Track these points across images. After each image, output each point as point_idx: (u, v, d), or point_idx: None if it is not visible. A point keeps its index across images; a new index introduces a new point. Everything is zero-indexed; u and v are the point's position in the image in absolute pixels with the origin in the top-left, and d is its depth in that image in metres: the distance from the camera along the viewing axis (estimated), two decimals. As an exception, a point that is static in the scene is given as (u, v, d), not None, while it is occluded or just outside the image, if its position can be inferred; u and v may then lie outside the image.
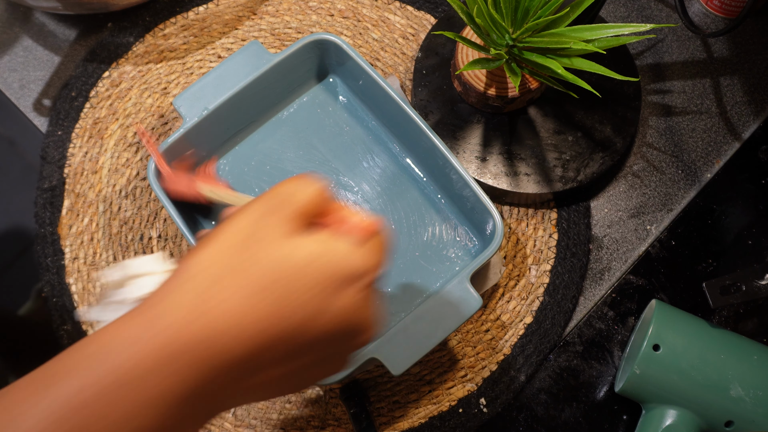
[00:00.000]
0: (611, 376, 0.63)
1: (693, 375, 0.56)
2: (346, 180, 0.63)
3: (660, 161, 0.68)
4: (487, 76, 0.61)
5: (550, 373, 0.63)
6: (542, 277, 0.64)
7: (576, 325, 0.64)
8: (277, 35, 0.71)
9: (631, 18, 0.73)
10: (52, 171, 0.67)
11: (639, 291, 0.65)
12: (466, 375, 0.62)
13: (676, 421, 0.56)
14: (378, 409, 0.61)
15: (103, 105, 0.68)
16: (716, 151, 0.69)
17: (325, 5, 0.71)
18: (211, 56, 0.70)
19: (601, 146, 0.64)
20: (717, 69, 0.71)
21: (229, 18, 0.71)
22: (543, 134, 0.64)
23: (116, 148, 0.67)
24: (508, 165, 0.64)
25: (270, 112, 0.64)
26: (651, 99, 0.70)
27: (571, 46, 0.53)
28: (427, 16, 0.72)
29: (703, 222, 0.67)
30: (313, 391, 0.61)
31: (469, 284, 0.54)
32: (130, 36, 0.70)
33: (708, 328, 0.58)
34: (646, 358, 0.56)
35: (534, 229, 0.66)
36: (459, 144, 0.64)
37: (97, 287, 0.64)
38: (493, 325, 0.63)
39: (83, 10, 0.67)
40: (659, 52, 0.72)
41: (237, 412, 0.61)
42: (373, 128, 0.64)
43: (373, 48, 0.70)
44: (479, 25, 0.55)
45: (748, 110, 0.70)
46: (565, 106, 0.65)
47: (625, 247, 0.66)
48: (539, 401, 0.62)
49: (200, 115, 0.58)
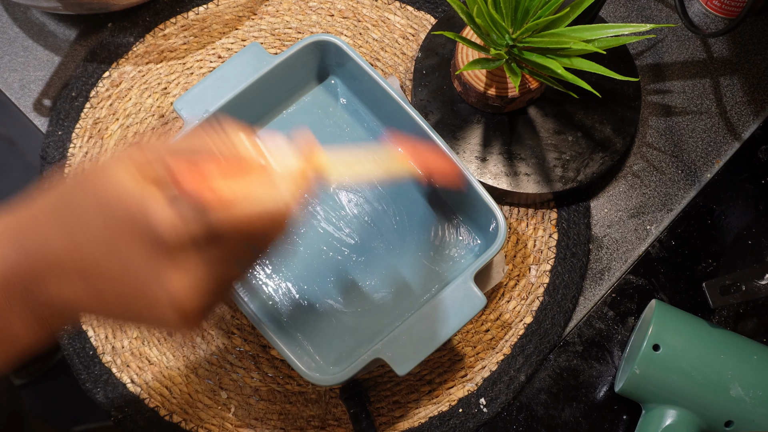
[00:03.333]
0: (611, 376, 0.63)
1: (693, 375, 0.56)
2: (348, 180, 0.63)
3: (660, 161, 0.68)
4: (487, 76, 0.61)
5: (550, 373, 0.63)
6: (542, 277, 0.64)
7: (576, 325, 0.64)
8: (277, 35, 0.71)
9: (631, 18, 0.73)
10: (53, 171, 0.67)
11: (639, 291, 0.65)
12: (466, 375, 0.62)
13: (676, 421, 0.56)
14: (378, 409, 0.61)
15: (104, 105, 0.68)
16: (716, 151, 0.69)
17: (325, 5, 0.72)
18: (212, 56, 0.70)
19: (601, 146, 0.64)
20: (717, 69, 0.71)
21: (229, 18, 0.71)
22: (543, 134, 0.64)
23: (116, 148, 0.67)
24: (508, 165, 0.64)
25: (271, 113, 0.64)
26: (651, 99, 0.70)
27: (571, 46, 0.53)
28: (427, 16, 0.72)
29: (703, 222, 0.67)
30: (313, 391, 0.61)
31: (473, 283, 0.54)
32: (131, 36, 0.70)
33: (708, 328, 0.58)
34: (646, 358, 0.56)
35: (534, 229, 0.66)
36: (459, 144, 0.64)
37: None
38: (493, 325, 0.63)
39: (83, 10, 0.67)
40: (659, 52, 0.72)
41: (237, 413, 0.61)
42: (373, 129, 0.64)
43: (373, 48, 0.70)
44: (479, 25, 0.55)
45: (748, 110, 0.70)
46: (565, 106, 0.65)
47: (625, 247, 0.66)
48: (539, 401, 0.62)
49: (201, 117, 0.58)
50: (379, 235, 0.61)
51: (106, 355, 0.62)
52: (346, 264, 0.61)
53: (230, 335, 0.62)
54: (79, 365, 0.62)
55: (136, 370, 0.62)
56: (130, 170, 0.33)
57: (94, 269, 0.33)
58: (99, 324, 0.63)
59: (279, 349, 0.53)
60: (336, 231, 0.61)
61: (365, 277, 0.60)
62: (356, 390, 0.59)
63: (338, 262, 0.61)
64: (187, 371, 0.62)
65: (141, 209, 0.32)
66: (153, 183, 0.33)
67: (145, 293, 0.34)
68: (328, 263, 0.61)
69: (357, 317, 0.59)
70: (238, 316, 0.63)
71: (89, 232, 0.33)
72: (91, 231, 0.33)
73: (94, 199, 0.33)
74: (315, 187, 0.36)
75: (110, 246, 0.33)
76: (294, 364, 0.52)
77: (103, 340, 0.63)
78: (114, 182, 0.33)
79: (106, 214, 0.33)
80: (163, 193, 0.33)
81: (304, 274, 0.60)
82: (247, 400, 0.61)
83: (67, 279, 0.34)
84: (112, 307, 0.35)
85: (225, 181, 0.33)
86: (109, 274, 0.33)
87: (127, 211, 0.32)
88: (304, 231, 0.61)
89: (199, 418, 0.61)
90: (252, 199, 0.33)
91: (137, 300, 0.34)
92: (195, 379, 0.61)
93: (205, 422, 0.61)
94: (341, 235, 0.61)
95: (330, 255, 0.61)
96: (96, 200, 0.33)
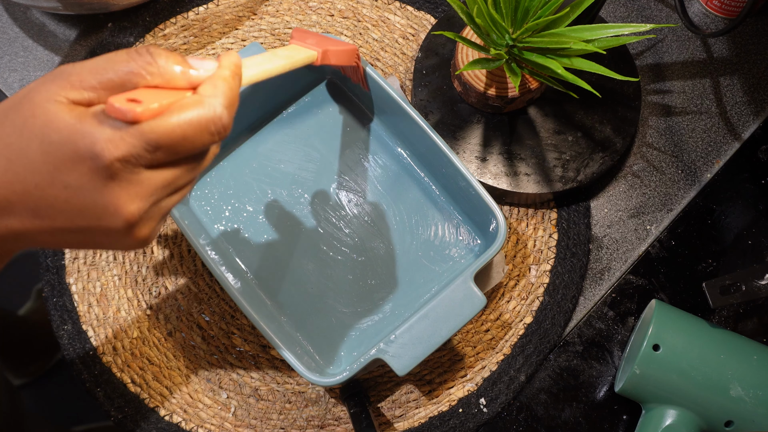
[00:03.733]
0: (611, 376, 0.63)
1: (693, 375, 0.56)
2: (348, 180, 0.63)
3: (660, 161, 0.68)
4: (487, 76, 0.61)
5: (550, 373, 0.63)
6: (542, 277, 0.64)
7: (576, 325, 0.64)
8: (277, 35, 0.71)
9: (631, 18, 0.73)
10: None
11: (639, 291, 0.65)
12: (466, 375, 0.62)
13: (676, 421, 0.56)
14: (378, 409, 0.61)
15: (104, 105, 0.68)
16: (716, 151, 0.69)
17: (325, 5, 0.71)
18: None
19: (601, 146, 0.64)
20: (717, 69, 0.71)
21: (229, 18, 0.71)
22: (543, 134, 0.64)
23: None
24: (508, 165, 0.64)
25: (271, 113, 0.64)
26: (651, 99, 0.70)
27: (571, 46, 0.53)
28: (427, 16, 0.72)
29: (703, 222, 0.67)
30: (313, 391, 0.61)
31: (472, 283, 0.54)
32: (130, 36, 0.70)
33: (708, 328, 0.58)
34: (646, 358, 0.56)
35: (534, 229, 0.66)
36: (459, 144, 0.64)
37: (98, 287, 0.64)
38: (493, 325, 0.63)
39: (83, 10, 0.67)
40: (659, 52, 0.72)
41: (237, 413, 0.61)
42: (373, 128, 0.64)
43: (373, 48, 0.70)
44: (479, 25, 0.55)
45: (748, 110, 0.70)
46: (565, 106, 0.65)
47: (625, 247, 0.66)
48: (539, 401, 0.62)
49: None
50: (379, 235, 0.61)
51: (106, 355, 0.62)
52: (346, 264, 0.61)
53: (230, 335, 0.62)
54: (79, 365, 0.62)
55: (136, 370, 0.62)
56: (57, 95, 0.33)
57: (41, 200, 0.33)
58: (99, 323, 0.63)
59: (279, 349, 0.53)
60: (336, 231, 0.61)
61: (365, 277, 0.60)
62: (356, 390, 0.59)
63: (338, 262, 0.61)
64: (187, 371, 0.62)
65: (77, 132, 0.32)
66: (82, 105, 0.33)
67: (99, 219, 0.33)
68: (328, 263, 0.61)
69: (357, 317, 0.59)
70: (238, 316, 0.63)
71: (28, 162, 0.32)
72: (30, 160, 0.32)
73: (26, 128, 0.32)
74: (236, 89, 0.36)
75: (53, 174, 0.32)
76: (294, 364, 0.52)
77: (103, 340, 0.63)
78: (43, 109, 0.32)
79: (42, 142, 0.32)
80: (94, 114, 0.32)
81: (304, 274, 0.60)
82: (247, 400, 0.61)
83: (13, 212, 0.33)
84: (65, 236, 0.35)
85: (153, 94, 0.33)
86: (58, 204, 0.33)
87: (63, 135, 0.32)
88: (304, 230, 0.61)
89: (199, 418, 0.61)
90: (182, 107, 0.33)
91: (91, 228, 0.34)
92: (195, 379, 0.61)
93: (205, 422, 0.61)
94: (341, 235, 0.61)
95: (330, 255, 0.61)
96: (28, 128, 0.32)
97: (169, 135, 0.33)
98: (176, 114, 0.33)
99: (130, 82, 0.34)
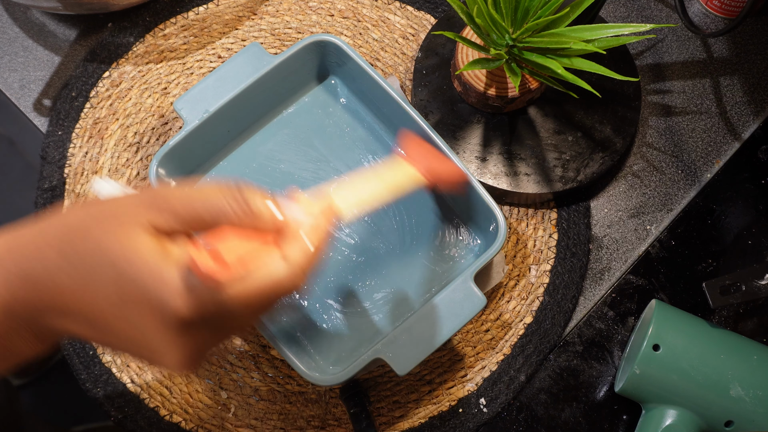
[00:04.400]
0: (611, 376, 0.63)
1: (693, 375, 0.56)
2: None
3: (660, 161, 0.68)
4: (487, 76, 0.61)
5: (550, 373, 0.63)
6: (542, 277, 0.64)
7: (576, 325, 0.64)
8: (277, 35, 0.71)
9: (631, 18, 0.73)
10: (53, 171, 0.67)
11: (639, 291, 0.65)
12: (466, 375, 0.62)
13: (676, 421, 0.56)
14: (378, 409, 0.61)
15: (104, 105, 0.68)
16: (716, 151, 0.69)
17: (325, 5, 0.72)
18: (212, 56, 0.70)
19: (601, 146, 0.64)
20: (717, 69, 0.71)
21: (229, 18, 0.71)
22: (543, 134, 0.64)
23: (116, 149, 0.67)
24: (508, 165, 0.64)
25: (271, 113, 0.64)
26: (651, 99, 0.70)
27: (571, 46, 0.53)
28: (427, 16, 0.72)
29: (703, 222, 0.67)
30: (313, 391, 0.61)
31: (473, 283, 0.54)
32: (130, 36, 0.70)
33: (708, 328, 0.58)
34: (646, 358, 0.56)
35: (534, 229, 0.66)
36: (459, 144, 0.64)
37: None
38: (493, 325, 0.63)
39: (83, 10, 0.67)
40: (659, 52, 0.72)
41: (237, 413, 0.61)
42: (373, 129, 0.64)
43: (373, 48, 0.70)
44: (479, 25, 0.56)
45: (748, 110, 0.70)
46: (565, 106, 0.65)
47: (625, 247, 0.66)
48: (539, 401, 0.62)
49: (201, 117, 0.58)
50: (379, 235, 0.61)
51: (106, 355, 0.62)
52: (346, 264, 0.61)
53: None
54: (79, 365, 0.62)
55: (136, 370, 0.62)
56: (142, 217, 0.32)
57: (101, 321, 0.33)
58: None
59: (279, 349, 0.53)
60: (336, 231, 0.61)
61: (365, 277, 0.60)
62: (356, 390, 0.59)
63: (338, 262, 0.61)
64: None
65: (155, 279, 0.31)
66: (167, 240, 0.33)
67: (151, 354, 0.34)
68: (327, 263, 0.61)
69: (357, 317, 0.59)
70: (238, 316, 0.63)
71: (99, 284, 0.32)
72: (102, 284, 0.32)
73: (105, 253, 0.32)
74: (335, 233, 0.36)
75: (119, 306, 0.32)
76: (294, 364, 0.52)
77: (103, 340, 0.63)
78: (128, 240, 0.32)
79: (118, 273, 0.32)
80: (177, 262, 0.32)
81: (304, 274, 0.60)
82: (247, 400, 0.61)
83: (73, 318, 0.33)
84: (114, 348, 0.35)
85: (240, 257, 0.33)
86: (115, 329, 0.33)
87: (140, 276, 0.32)
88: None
89: (199, 418, 0.61)
90: (267, 276, 0.33)
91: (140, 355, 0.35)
92: (195, 379, 0.61)
93: (205, 422, 0.61)
94: (341, 235, 0.61)
95: (330, 255, 0.61)
96: (107, 254, 0.32)
97: (247, 305, 0.33)
98: (259, 282, 0.33)
99: (219, 222, 0.33)
